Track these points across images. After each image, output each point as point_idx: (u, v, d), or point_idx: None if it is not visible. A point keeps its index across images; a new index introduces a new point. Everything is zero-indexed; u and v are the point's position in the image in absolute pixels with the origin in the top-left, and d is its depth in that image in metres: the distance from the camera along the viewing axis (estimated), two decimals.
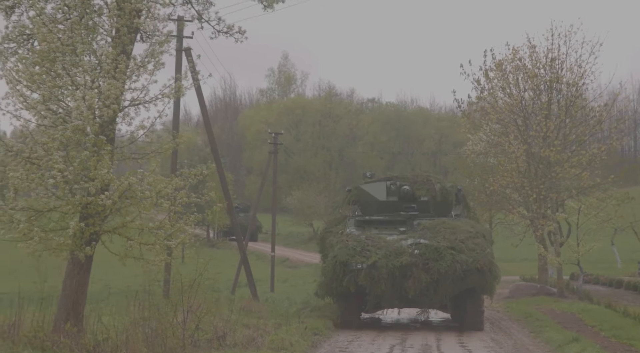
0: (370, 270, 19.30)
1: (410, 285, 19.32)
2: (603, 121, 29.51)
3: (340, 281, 19.52)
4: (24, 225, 13.12)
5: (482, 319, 20.32)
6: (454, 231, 20.29)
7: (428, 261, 19.46)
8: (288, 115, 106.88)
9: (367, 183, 23.16)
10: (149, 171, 13.56)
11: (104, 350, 12.59)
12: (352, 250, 19.70)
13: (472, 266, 19.35)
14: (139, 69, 13.73)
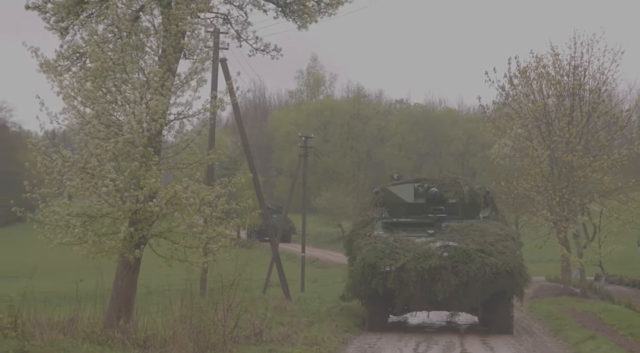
0: (399, 272, 19.13)
1: (439, 288, 19.15)
2: (624, 127, 30.36)
3: (369, 283, 19.40)
4: (79, 229, 14.30)
5: (512, 323, 20.14)
6: (483, 234, 20.10)
7: (457, 264, 19.25)
8: (317, 116, 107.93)
9: (394, 185, 23.04)
10: (192, 179, 14.71)
11: (153, 344, 13.73)
12: (380, 253, 19.53)
13: (502, 269, 19.15)
14: (183, 86, 14.88)
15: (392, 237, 20.32)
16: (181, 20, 14.39)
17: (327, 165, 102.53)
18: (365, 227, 21.91)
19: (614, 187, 29.97)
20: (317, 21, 16.07)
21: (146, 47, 15.10)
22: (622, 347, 17.29)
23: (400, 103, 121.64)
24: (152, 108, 14.19)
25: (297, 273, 43.86)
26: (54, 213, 14.41)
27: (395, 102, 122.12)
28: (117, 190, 14.18)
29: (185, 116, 14.86)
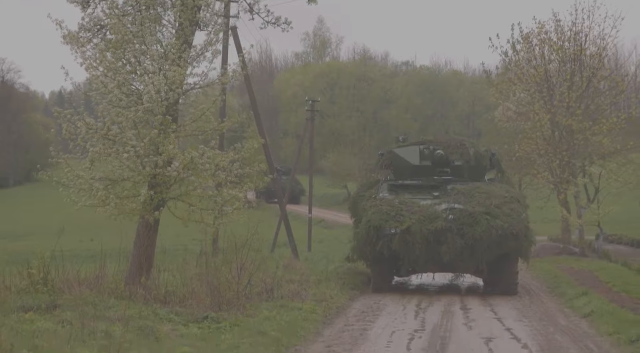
0: (404, 234, 19.04)
1: (444, 250, 19.10)
2: (624, 91, 31.12)
3: (374, 245, 19.37)
4: (102, 192, 15.26)
5: (516, 284, 20.11)
6: (488, 196, 19.98)
7: (463, 227, 19.17)
8: (323, 78, 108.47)
9: (400, 147, 22.80)
10: (208, 146, 15.63)
11: (172, 299, 14.73)
12: (385, 215, 19.45)
13: (507, 231, 19.09)
14: (198, 57, 15.73)
15: (397, 199, 20.21)
16: None
17: (333, 127, 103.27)
18: (371, 189, 21.91)
19: (613, 149, 30.81)
20: None
21: (163, 20, 15.93)
22: (614, 302, 18.18)
23: (406, 65, 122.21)
24: (169, 78, 15.03)
25: (304, 234, 44.85)
26: (78, 177, 15.36)
27: (400, 64, 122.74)
28: (137, 156, 15.09)
29: (200, 86, 15.73)
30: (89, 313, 12.40)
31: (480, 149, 22.75)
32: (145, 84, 15.05)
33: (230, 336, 12.25)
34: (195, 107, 15.82)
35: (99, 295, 13.90)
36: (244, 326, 13.14)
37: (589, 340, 12.90)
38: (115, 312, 12.93)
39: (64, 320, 12.12)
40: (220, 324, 13.34)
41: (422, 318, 15.55)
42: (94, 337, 11.22)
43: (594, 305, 16.45)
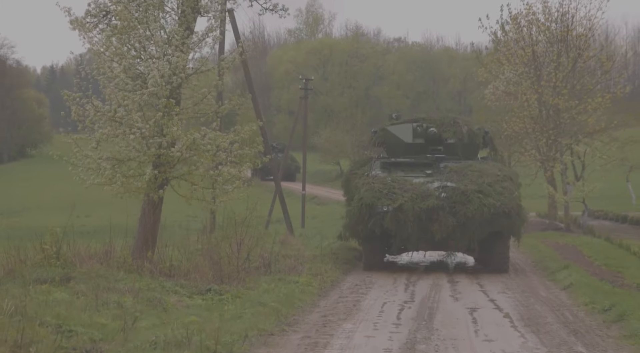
0: (396, 212, 19.07)
1: (436, 228, 19.16)
2: (608, 71, 32.02)
3: (366, 223, 19.42)
4: (109, 171, 16.13)
5: (508, 262, 20.22)
6: (481, 175, 19.98)
7: (455, 205, 19.19)
8: (315, 55, 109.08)
9: (393, 125, 22.78)
10: (210, 128, 16.48)
11: (177, 273, 15.64)
12: (378, 193, 19.46)
13: (499, 209, 19.12)
14: (200, 43, 16.56)
15: (390, 177, 20.22)
16: None
17: (325, 103, 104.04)
18: (363, 167, 21.79)
19: (598, 128, 31.76)
20: None
21: (166, 7, 16.72)
22: (594, 275, 19.15)
23: (399, 41, 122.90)
24: (173, 64, 15.84)
25: (297, 210, 45.69)
26: (86, 157, 16.22)
27: (393, 40, 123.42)
28: (143, 137, 15.92)
29: (202, 71, 16.55)
30: (101, 286, 13.31)
31: (473, 127, 22.66)
32: (150, 69, 15.85)
33: (233, 307, 13.14)
34: (196, 91, 16.65)
35: (109, 269, 14.79)
36: (245, 298, 14.04)
37: (566, 310, 13.86)
38: (125, 284, 13.82)
39: (78, 291, 13.01)
40: (223, 296, 14.24)
41: (412, 291, 16.49)
42: (107, 307, 12.12)
43: (573, 278, 17.41)
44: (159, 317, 11.93)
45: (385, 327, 12.14)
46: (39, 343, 9.19)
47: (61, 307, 11.44)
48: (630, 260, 23.01)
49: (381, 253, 20.76)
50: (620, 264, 21.96)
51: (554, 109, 31.76)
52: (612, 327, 12.09)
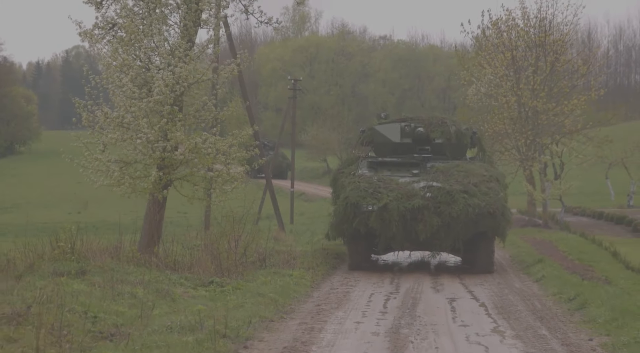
0: (381, 212, 19.13)
1: (421, 228, 19.14)
2: (584, 75, 33.57)
3: (351, 223, 19.47)
4: (117, 173, 17.47)
5: (492, 262, 20.26)
6: (467, 175, 20.04)
7: (440, 205, 19.20)
8: (302, 53, 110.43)
9: (381, 124, 22.84)
10: (211, 132, 17.82)
11: (181, 267, 16.99)
12: (363, 192, 19.54)
13: (484, 210, 19.15)
14: (201, 54, 17.90)
15: (376, 176, 20.29)
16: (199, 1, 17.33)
17: (312, 101, 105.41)
18: (351, 166, 21.76)
19: (574, 129, 33.29)
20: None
21: (169, 21, 18.05)
22: (567, 269, 20.57)
23: (384, 39, 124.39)
24: (177, 74, 17.19)
25: (286, 207, 47.05)
26: (96, 160, 17.55)
27: (379, 38, 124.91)
28: (148, 141, 17.25)
29: (203, 80, 17.89)
30: (114, 278, 14.64)
31: (461, 127, 22.72)
32: (155, 79, 17.18)
33: (235, 297, 14.49)
34: (197, 99, 18.00)
35: (119, 263, 16.12)
36: (244, 289, 15.39)
37: (536, 299, 15.31)
38: (135, 277, 15.13)
39: (94, 283, 14.31)
40: (224, 288, 15.57)
41: (397, 284, 17.88)
42: (122, 297, 13.42)
43: (546, 271, 18.87)
44: (169, 306, 13.27)
45: (372, 314, 13.53)
46: (70, 327, 10.53)
47: (82, 297, 12.76)
48: (602, 255, 24.54)
49: (366, 252, 20.67)
50: (591, 258, 23.46)
51: (533, 110, 33.28)
52: (575, 313, 13.53)
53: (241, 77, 28.45)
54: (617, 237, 30.76)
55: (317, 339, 11.33)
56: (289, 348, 10.66)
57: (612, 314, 12.54)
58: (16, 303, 11.13)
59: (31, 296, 11.79)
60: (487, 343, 11.02)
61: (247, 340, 11.13)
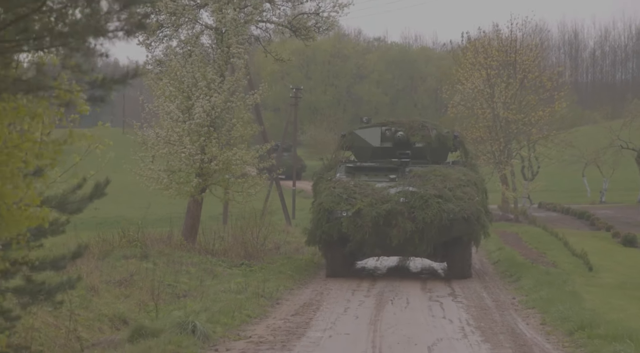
0: (354, 217, 18.99)
1: (394, 233, 18.93)
2: (549, 90, 38.70)
3: (325, 228, 19.34)
4: (166, 180, 22.45)
5: (469, 267, 20.08)
6: (444, 179, 19.80)
7: (414, 210, 18.99)
8: (299, 55, 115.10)
9: (361, 128, 22.81)
10: (239, 147, 22.79)
11: (218, 252, 21.98)
12: (337, 197, 19.40)
13: (458, 215, 18.90)
14: (231, 87, 22.84)
15: (353, 181, 20.15)
16: (230, 46, 22.27)
17: (309, 101, 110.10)
18: (330, 171, 21.63)
19: (540, 136, 38.47)
20: (317, 39, 24.08)
21: (205, 59, 22.99)
22: (523, 255, 25.57)
23: (378, 41, 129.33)
24: (212, 102, 22.14)
25: (288, 203, 51.99)
26: (149, 169, 22.51)
27: (373, 40, 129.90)
28: (190, 155, 22.22)
29: (233, 106, 22.84)
30: (170, 260, 19.61)
31: (442, 131, 22.64)
32: (196, 106, 22.12)
33: (262, 274, 19.40)
34: (228, 121, 22.95)
35: (171, 249, 21.12)
36: (268, 269, 20.34)
37: (487, 276, 20.37)
38: (185, 259, 20.12)
39: (157, 263, 19.29)
40: (252, 268, 20.57)
41: (385, 266, 22.89)
42: (180, 273, 18.37)
43: (502, 256, 23.93)
44: (215, 280, 18.26)
45: (365, 285, 18.55)
46: (160, 292, 15.50)
47: (153, 272, 17.74)
48: (556, 244, 29.59)
49: (345, 259, 20.19)
50: (546, 247, 28.54)
51: (505, 121, 38.37)
52: (511, 284, 18.61)
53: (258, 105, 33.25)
54: (576, 230, 35.79)
55: (325, 299, 16.33)
56: (307, 304, 15.65)
57: (535, 284, 17.59)
58: (121, 274, 16.11)
59: (125, 270, 16.79)
60: (442, 301, 16.04)
61: (277, 299, 16.15)
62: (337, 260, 19.97)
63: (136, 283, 15.52)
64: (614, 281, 22.30)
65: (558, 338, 11.78)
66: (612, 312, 15.21)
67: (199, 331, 11.23)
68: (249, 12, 23.02)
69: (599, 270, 24.13)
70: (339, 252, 19.81)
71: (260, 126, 29.05)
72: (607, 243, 31.85)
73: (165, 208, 41.20)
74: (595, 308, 14.74)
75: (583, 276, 22.76)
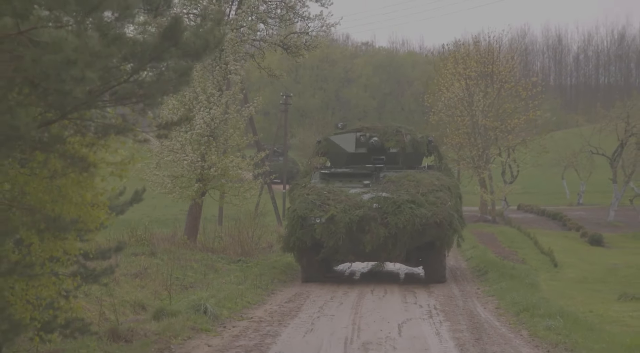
0: (327, 223, 19.10)
1: (368, 239, 19.10)
2: (524, 99, 41.16)
3: (299, 235, 19.47)
4: (170, 185, 24.76)
5: (444, 272, 20.21)
6: (417, 184, 19.87)
7: (386, 215, 19.11)
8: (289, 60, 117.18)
9: (336, 134, 22.88)
10: (236, 155, 25.12)
11: (217, 250, 24.31)
12: (311, 204, 19.51)
13: (431, 220, 18.96)
14: (228, 100, 25.15)
15: (327, 188, 20.20)
16: (228, 63, 24.60)
17: (298, 105, 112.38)
18: (305, 178, 21.76)
19: (516, 142, 40.93)
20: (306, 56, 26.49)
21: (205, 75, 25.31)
22: (495, 253, 27.99)
23: (366, 45, 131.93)
24: (212, 114, 24.46)
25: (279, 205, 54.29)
26: (154, 175, 24.81)
27: (361, 44, 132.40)
28: (192, 162, 24.55)
29: (229, 118, 25.16)
30: (175, 256, 21.91)
31: (416, 136, 22.62)
32: (197, 118, 24.43)
33: (257, 269, 21.70)
34: (226, 131, 25.26)
35: (176, 247, 23.42)
36: (262, 264, 22.65)
37: (458, 270, 22.76)
38: (189, 256, 22.41)
39: (164, 259, 21.58)
40: (248, 264, 22.87)
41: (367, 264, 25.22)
42: (185, 268, 20.67)
43: (474, 253, 26.33)
44: (216, 274, 20.58)
45: (349, 278, 20.88)
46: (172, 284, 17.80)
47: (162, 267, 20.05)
48: (527, 243, 32.10)
49: (319, 265, 20.26)
50: (518, 245, 31.04)
51: (483, 128, 40.81)
52: (479, 277, 21.00)
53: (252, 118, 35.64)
54: (549, 230, 38.29)
55: (314, 290, 18.65)
56: (298, 294, 17.97)
57: (499, 277, 19.97)
58: (136, 268, 18.43)
59: (138, 265, 19.10)
60: (416, 291, 18.40)
61: (272, 290, 18.48)
62: (311, 266, 20.08)
63: (149, 276, 17.83)
64: (576, 276, 24.85)
65: (507, 318, 14.16)
66: (561, 299, 17.71)
67: (210, 312, 13.58)
68: (245, 32, 25.41)
69: (563, 266, 26.66)
70: (313, 258, 19.90)
71: (254, 136, 31.32)
72: (576, 242, 34.38)
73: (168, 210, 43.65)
74: (547, 297, 17.18)
75: (548, 272, 25.34)
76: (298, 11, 26.20)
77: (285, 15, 26.07)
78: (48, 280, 8.16)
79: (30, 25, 5.42)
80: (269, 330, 12.85)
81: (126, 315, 14.63)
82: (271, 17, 26.21)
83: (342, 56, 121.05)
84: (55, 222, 7.19)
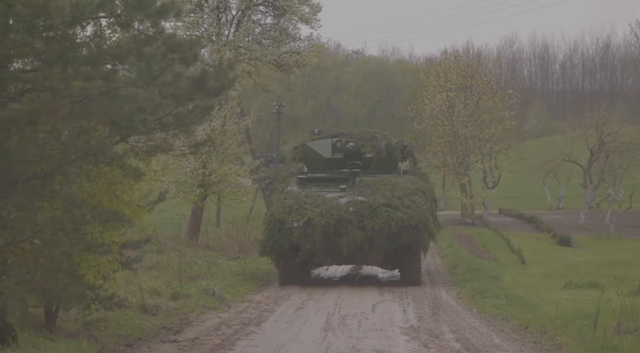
0: (305, 227, 19.38)
1: (345, 242, 19.39)
2: (501, 109, 44.08)
3: (276, 239, 19.72)
4: (174, 190, 27.51)
5: (419, 274, 20.56)
6: (393, 188, 20.25)
7: (363, 219, 19.41)
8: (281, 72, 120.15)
9: (313, 140, 23.20)
10: (234, 163, 27.89)
11: (217, 248, 27.07)
12: (288, 208, 19.76)
13: (406, 223, 19.29)
14: (226, 113, 27.93)
15: (304, 193, 20.51)
16: None
17: (290, 112, 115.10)
18: (282, 183, 22.03)
19: (498, 149, 43.90)
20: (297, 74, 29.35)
21: None
22: (471, 252, 30.71)
23: (357, 54, 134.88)
24: (212, 126, 27.22)
25: None
26: (160, 181, 27.52)
27: (351, 52, 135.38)
28: (194, 169, 27.31)
29: (227, 130, 27.93)
30: (181, 254, 24.63)
31: (392, 141, 22.85)
32: (198, 129, 27.17)
33: (254, 265, 24.42)
34: (224, 141, 28.03)
35: (180, 245, 26.16)
36: (258, 260, 25.28)
37: (432, 266, 25.58)
38: (192, 253, 25.15)
39: (171, 256, 24.30)
40: (246, 260, 25.61)
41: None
42: (191, 264, 23.41)
43: (449, 252, 29.14)
44: (218, 268, 23.34)
45: (338, 269, 23.67)
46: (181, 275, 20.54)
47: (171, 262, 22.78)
48: (501, 244, 34.91)
49: (296, 268, 20.51)
50: (493, 246, 33.82)
51: (463, 137, 43.71)
52: (450, 271, 23.81)
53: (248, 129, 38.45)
54: (523, 232, 41.14)
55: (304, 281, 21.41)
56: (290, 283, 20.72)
57: (466, 270, 22.79)
58: (149, 262, 21.19)
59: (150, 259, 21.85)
60: (392, 282, 21.19)
61: (268, 281, 21.28)
62: (289, 269, 20.35)
63: (162, 268, 20.60)
64: (541, 272, 27.68)
65: (464, 301, 17.00)
66: (517, 288, 20.53)
67: (217, 295, 16.38)
68: (242, 52, 28.23)
69: (530, 263, 29.48)
70: (291, 262, 20.14)
71: (250, 144, 34.23)
72: (546, 243, 37.22)
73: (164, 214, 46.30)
74: (504, 286, 20.00)
75: (516, 269, 28.17)
76: (290, 33, 29.02)
77: (279, 37, 28.82)
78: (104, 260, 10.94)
79: (115, 85, 8.18)
80: (266, 308, 15.69)
81: (145, 299, 17.41)
82: (266, 38, 29.01)
83: (333, 64, 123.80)
84: (115, 216, 9.99)
